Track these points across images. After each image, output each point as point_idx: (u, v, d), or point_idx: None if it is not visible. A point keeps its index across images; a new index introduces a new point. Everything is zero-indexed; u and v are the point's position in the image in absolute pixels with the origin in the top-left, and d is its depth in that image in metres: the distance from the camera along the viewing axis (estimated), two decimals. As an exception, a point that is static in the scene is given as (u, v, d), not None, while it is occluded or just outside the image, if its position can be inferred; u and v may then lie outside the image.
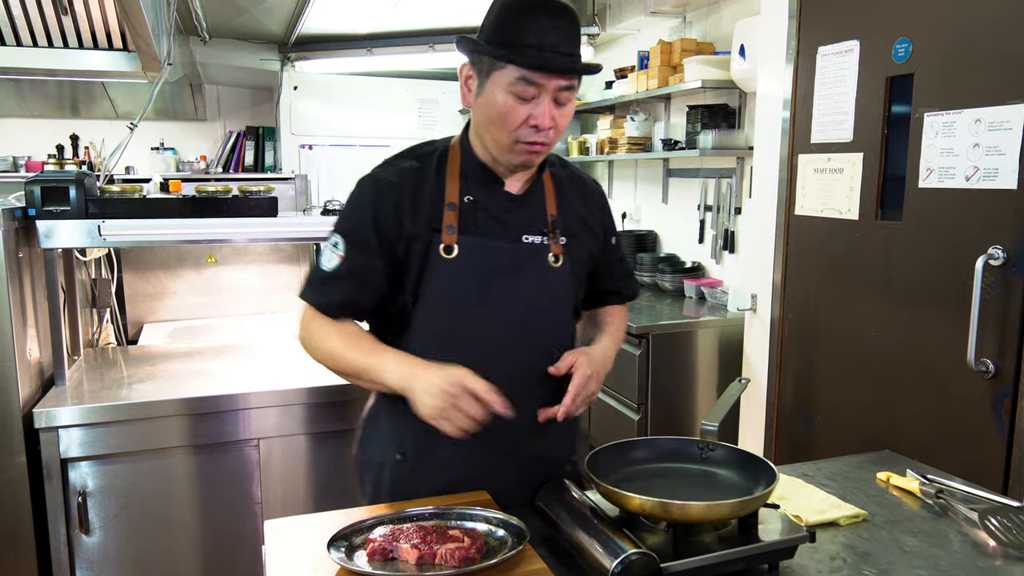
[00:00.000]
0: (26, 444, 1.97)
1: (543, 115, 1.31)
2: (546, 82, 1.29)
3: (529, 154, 1.36)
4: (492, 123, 1.34)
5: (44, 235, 2.11)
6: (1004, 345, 2.02)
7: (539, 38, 1.27)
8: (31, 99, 5.09)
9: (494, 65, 1.30)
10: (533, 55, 1.27)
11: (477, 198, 1.42)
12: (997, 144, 2.01)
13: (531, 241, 1.43)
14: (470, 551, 1.11)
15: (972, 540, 1.29)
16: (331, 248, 1.40)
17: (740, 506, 1.13)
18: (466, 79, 1.38)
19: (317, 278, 1.41)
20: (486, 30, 1.33)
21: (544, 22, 1.28)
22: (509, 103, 1.30)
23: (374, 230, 1.38)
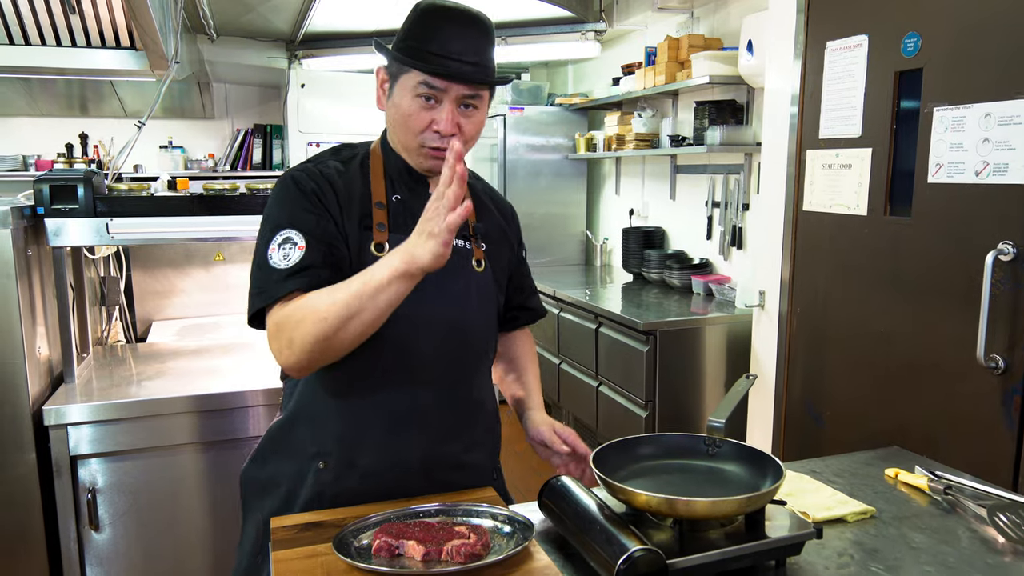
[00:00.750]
0: (36, 441, 1.98)
1: (445, 121, 1.32)
2: (448, 88, 1.30)
3: (434, 159, 1.36)
4: (399, 126, 1.36)
5: (53, 233, 2.12)
6: (1014, 341, 2.01)
7: (444, 45, 1.30)
8: (40, 98, 5.12)
9: (401, 69, 1.33)
10: (434, 61, 1.29)
11: (404, 198, 1.41)
12: (1007, 139, 1.99)
13: (456, 244, 1.42)
14: (476, 547, 1.11)
15: (981, 536, 1.29)
16: (283, 247, 1.28)
17: (747, 502, 1.13)
18: (382, 82, 1.39)
19: (276, 279, 1.27)
20: (399, 35, 1.35)
21: (451, 30, 1.31)
22: (413, 107, 1.32)
23: (327, 215, 1.32)
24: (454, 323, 1.41)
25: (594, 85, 5.53)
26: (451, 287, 1.41)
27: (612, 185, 5.26)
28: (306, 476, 1.41)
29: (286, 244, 1.29)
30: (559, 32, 4.83)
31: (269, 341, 1.28)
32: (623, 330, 3.43)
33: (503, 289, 1.56)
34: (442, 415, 1.42)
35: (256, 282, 1.30)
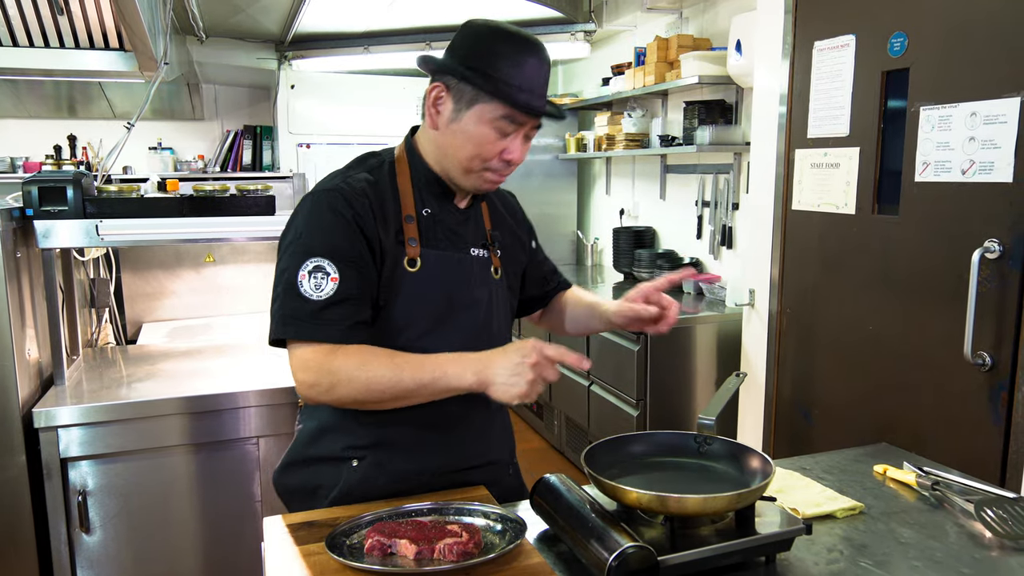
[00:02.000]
0: (26, 444, 1.98)
1: (517, 150, 1.34)
2: (527, 121, 1.33)
3: (492, 183, 1.39)
4: (461, 150, 1.34)
5: (42, 235, 2.11)
6: (1001, 338, 2.03)
7: (527, 80, 1.30)
8: (28, 100, 5.09)
9: (478, 97, 1.30)
10: (524, 98, 1.29)
11: (433, 211, 1.41)
12: (992, 137, 2.01)
13: (477, 254, 1.45)
14: (468, 546, 1.12)
15: (968, 532, 1.30)
16: (314, 275, 1.27)
17: (737, 499, 1.13)
18: (436, 100, 1.34)
19: (309, 312, 1.26)
20: (468, 56, 1.31)
21: (532, 63, 1.31)
22: (489, 136, 1.32)
23: (363, 239, 1.31)
24: (479, 331, 1.43)
25: (584, 85, 5.54)
26: (477, 297, 1.43)
27: (602, 185, 5.27)
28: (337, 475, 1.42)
29: (317, 273, 1.27)
30: (549, 32, 4.83)
31: (294, 371, 1.28)
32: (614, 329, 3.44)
33: (516, 291, 1.59)
34: (467, 418, 1.44)
35: (284, 307, 1.28)
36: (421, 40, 5.03)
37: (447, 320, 1.39)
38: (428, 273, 1.37)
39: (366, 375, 1.24)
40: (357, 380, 1.24)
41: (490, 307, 1.46)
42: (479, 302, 1.44)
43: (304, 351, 1.27)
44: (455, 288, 1.40)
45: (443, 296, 1.39)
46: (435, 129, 1.36)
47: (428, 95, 1.35)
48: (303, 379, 1.27)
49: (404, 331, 1.36)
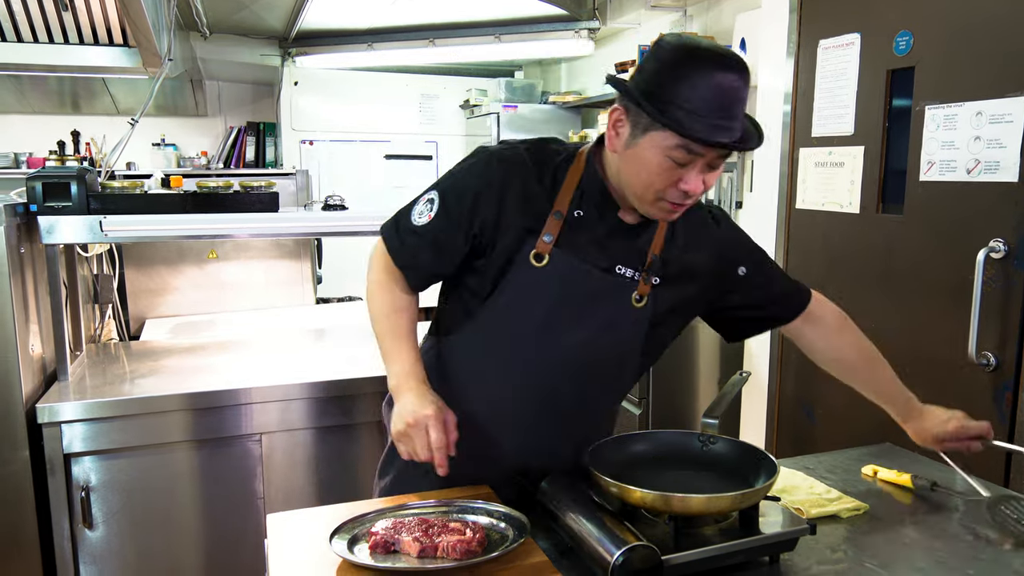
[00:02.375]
0: (29, 439, 1.98)
1: (695, 181, 1.24)
2: (707, 151, 1.21)
3: (670, 213, 1.30)
4: (636, 177, 1.27)
5: (46, 231, 2.12)
6: (1005, 338, 2.02)
7: (710, 105, 1.18)
8: (32, 95, 5.09)
9: (653, 125, 1.21)
10: (702, 126, 1.18)
11: (587, 215, 1.36)
12: (998, 137, 2.00)
13: (622, 273, 1.37)
14: (472, 544, 1.11)
15: (972, 532, 1.30)
16: (426, 203, 1.39)
17: (741, 499, 1.13)
18: (615, 122, 1.27)
19: (402, 226, 1.40)
20: (648, 78, 1.22)
21: (718, 86, 1.18)
22: (664, 166, 1.22)
23: (472, 204, 1.34)
24: (583, 349, 1.37)
25: (587, 83, 5.53)
26: (597, 316, 1.37)
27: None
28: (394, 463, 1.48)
29: (428, 204, 1.39)
30: (553, 30, 4.82)
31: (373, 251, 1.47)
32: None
33: (669, 329, 1.48)
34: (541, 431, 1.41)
35: (398, 213, 1.44)
36: (425, 37, 5.03)
37: (555, 325, 1.35)
38: (551, 273, 1.33)
39: (373, 296, 1.44)
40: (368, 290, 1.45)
41: (612, 329, 1.38)
42: (597, 320, 1.36)
43: (379, 244, 1.45)
44: (574, 298, 1.35)
45: (558, 301, 1.34)
46: (613, 152, 1.30)
47: (609, 116, 1.29)
48: (370, 262, 1.47)
49: (512, 320, 1.36)
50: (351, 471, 2.30)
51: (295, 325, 3.12)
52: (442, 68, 5.89)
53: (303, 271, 3.47)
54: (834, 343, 1.61)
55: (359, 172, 5.80)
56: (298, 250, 3.45)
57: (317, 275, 3.56)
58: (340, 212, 2.54)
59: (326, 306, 3.68)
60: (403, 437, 1.30)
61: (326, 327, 3.04)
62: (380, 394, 2.26)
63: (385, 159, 5.83)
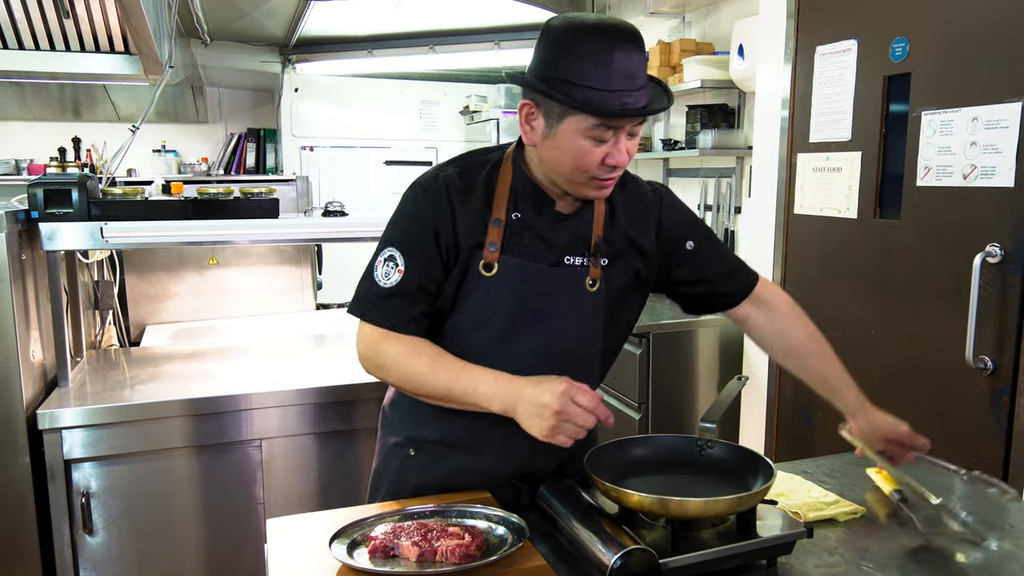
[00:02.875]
0: (30, 445, 1.98)
1: (620, 154, 1.25)
2: (623, 124, 1.23)
3: (601, 189, 1.32)
4: (563, 165, 1.28)
5: (47, 237, 2.12)
6: (1002, 342, 2.03)
7: (616, 79, 1.18)
8: (33, 102, 5.11)
9: (567, 111, 1.21)
10: (613, 102, 1.19)
11: (525, 216, 1.37)
12: (994, 142, 2.01)
13: (571, 262, 1.39)
14: (470, 548, 1.12)
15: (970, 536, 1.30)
16: (386, 262, 1.35)
17: (738, 502, 1.14)
18: (527, 117, 1.29)
19: (375, 295, 1.35)
20: (546, 65, 1.23)
21: (618, 57, 1.18)
22: (586, 147, 1.24)
23: (432, 237, 1.34)
24: (552, 344, 1.38)
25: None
26: (555, 311, 1.38)
27: (605, 189, 5.28)
28: (393, 460, 1.47)
29: (389, 262, 1.35)
30: (552, 36, 4.84)
31: (357, 342, 1.39)
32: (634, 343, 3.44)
33: (626, 302, 1.48)
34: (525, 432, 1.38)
35: (361, 289, 1.38)
36: (424, 44, 5.05)
37: (519, 329, 1.36)
38: (503, 280, 1.34)
39: (407, 367, 1.33)
40: (398, 369, 1.34)
41: (573, 320, 1.40)
42: (557, 314, 1.38)
43: (364, 329, 1.37)
44: (529, 298, 1.36)
45: (515, 305, 1.35)
46: (532, 145, 1.32)
47: (520, 112, 1.30)
48: (360, 352, 1.38)
49: (475, 334, 1.37)
50: (351, 476, 2.30)
51: (295, 331, 3.13)
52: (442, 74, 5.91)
53: (303, 277, 3.48)
54: (785, 328, 1.57)
55: (359, 178, 5.82)
56: (298, 256, 3.46)
57: (317, 281, 3.57)
58: (340, 218, 2.55)
59: (326, 312, 3.69)
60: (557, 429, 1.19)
61: (326, 333, 3.04)
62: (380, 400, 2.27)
63: (385, 165, 5.84)
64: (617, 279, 1.43)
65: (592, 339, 1.44)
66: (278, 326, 3.21)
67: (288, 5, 4.30)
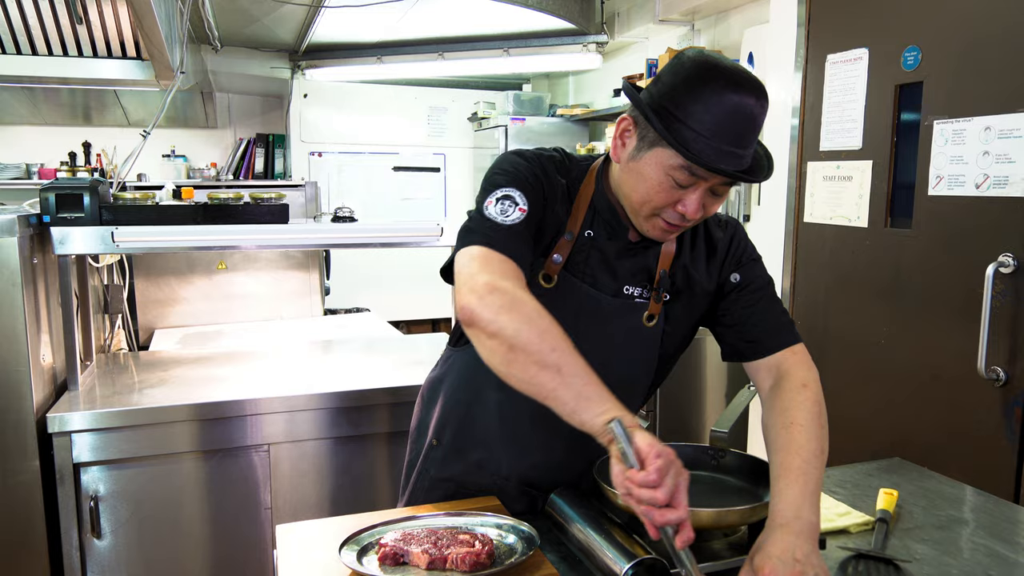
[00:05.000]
0: (39, 448, 1.99)
1: (693, 205, 1.19)
2: (711, 177, 1.17)
3: (664, 232, 1.26)
4: (636, 191, 1.23)
5: (59, 241, 2.13)
6: (1015, 353, 2.02)
7: (722, 131, 1.13)
8: (44, 107, 5.14)
9: (659, 141, 1.16)
10: (709, 152, 1.13)
11: (597, 236, 1.32)
12: (1007, 152, 2.01)
13: (631, 293, 1.34)
14: (480, 556, 1.11)
15: (984, 549, 1.29)
16: (503, 202, 1.22)
17: (750, 513, 1.13)
18: (622, 132, 1.24)
19: (489, 228, 1.19)
20: (662, 93, 1.17)
21: (732, 111, 1.13)
22: (663, 184, 1.18)
23: (543, 198, 1.26)
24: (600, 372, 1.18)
25: (595, 96, 5.56)
26: (610, 339, 1.33)
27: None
28: (418, 448, 1.47)
29: (505, 201, 1.22)
30: (561, 44, 4.86)
31: (473, 273, 1.15)
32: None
33: (682, 340, 1.42)
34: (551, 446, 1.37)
35: (470, 224, 1.22)
36: (434, 51, 5.07)
37: None
38: (557, 296, 1.29)
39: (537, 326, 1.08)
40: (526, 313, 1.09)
41: (625, 351, 1.35)
42: (610, 343, 1.33)
43: (491, 255, 1.16)
44: (583, 321, 1.30)
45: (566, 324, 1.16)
46: (617, 162, 1.27)
47: (617, 125, 1.25)
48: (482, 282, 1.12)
49: None
50: (359, 482, 2.30)
51: (303, 336, 3.13)
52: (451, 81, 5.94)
53: (311, 282, 3.49)
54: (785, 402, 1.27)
55: (368, 184, 5.84)
56: (306, 261, 3.47)
57: (325, 286, 3.58)
58: (349, 224, 2.55)
59: (334, 317, 3.70)
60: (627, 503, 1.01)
61: (334, 338, 3.05)
62: (387, 405, 2.28)
63: (393, 171, 5.86)
64: (676, 316, 1.37)
65: (642, 373, 1.40)
66: (286, 331, 3.22)
67: (298, 11, 4.32)
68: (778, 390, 1.29)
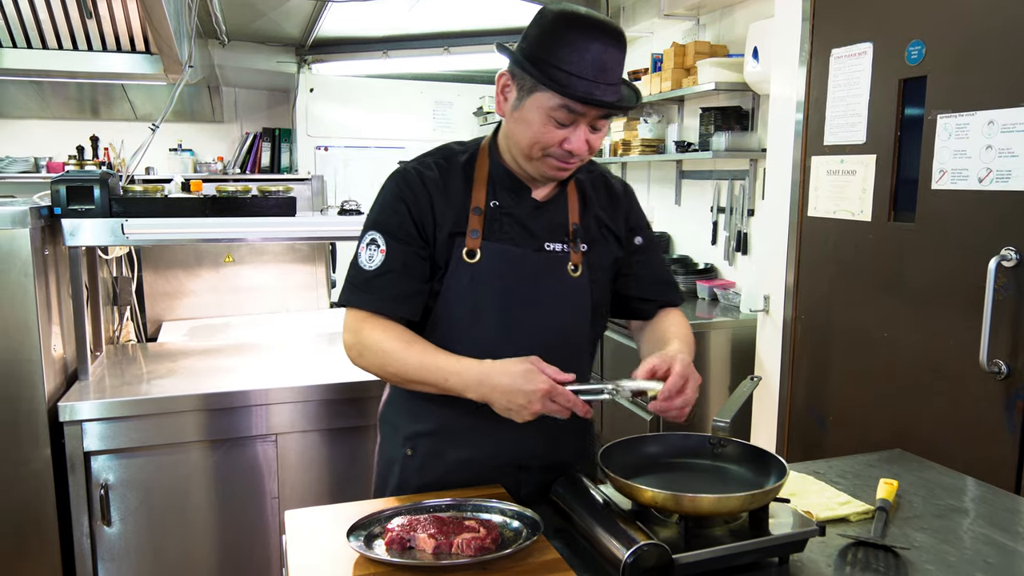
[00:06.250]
0: (51, 437, 2.02)
1: (579, 141, 1.31)
2: (587, 111, 1.29)
3: (557, 171, 1.37)
4: (524, 139, 1.34)
5: (69, 233, 2.16)
6: (1017, 346, 2.03)
7: (589, 67, 1.25)
8: (52, 101, 5.17)
9: (536, 86, 1.28)
10: (581, 87, 1.26)
11: (503, 203, 1.42)
12: (1010, 146, 2.01)
13: (552, 249, 1.43)
14: (485, 541, 1.14)
15: (983, 538, 1.31)
16: (369, 247, 1.39)
17: (750, 499, 1.15)
18: (503, 87, 1.36)
19: (360, 280, 1.39)
20: (531, 44, 1.30)
21: (596, 49, 1.26)
22: (547, 127, 1.30)
23: (411, 220, 1.39)
24: (542, 329, 1.42)
25: (601, 91, 5.56)
26: (542, 296, 1.42)
27: (618, 190, 5.29)
28: (396, 462, 1.49)
29: (372, 245, 1.40)
30: (566, 38, 4.85)
31: (343, 332, 1.41)
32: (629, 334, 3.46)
33: (605, 289, 1.53)
34: None
35: (348, 278, 1.42)
36: (440, 45, 5.08)
37: (507, 315, 1.40)
38: (487, 266, 1.39)
39: (382, 351, 1.35)
40: (376, 355, 1.36)
41: (559, 306, 1.44)
42: (543, 299, 1.42)
43: (348, 315, 1.40)
44: (515, 283, 1.40)
45: (501, 290, 1.39)
46: (502, 115, 1.38)
47: (497, 82, 1.36)
48: (345, 341, 1.40)
49: (464, 323, 1.40)
50: (365, 472, 2.32)
51: (310, 329, 3.15)
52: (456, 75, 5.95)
53: (317, 275, 3.51)
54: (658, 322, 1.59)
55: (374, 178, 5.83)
56: (313, 254, 3.49)
57: (331, 279, 3.60)
58: (356, 216, 2.57)
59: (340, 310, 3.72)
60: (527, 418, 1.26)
61: (340, 331, 3.07)
62: (394, 396, 2.29)
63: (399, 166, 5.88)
64: (598, 264, 1.49)
65: (580, 325, 1.48)
66: (292, 324, 3.24)
67: (305, 6, 4.34)
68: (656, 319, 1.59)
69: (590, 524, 1.18)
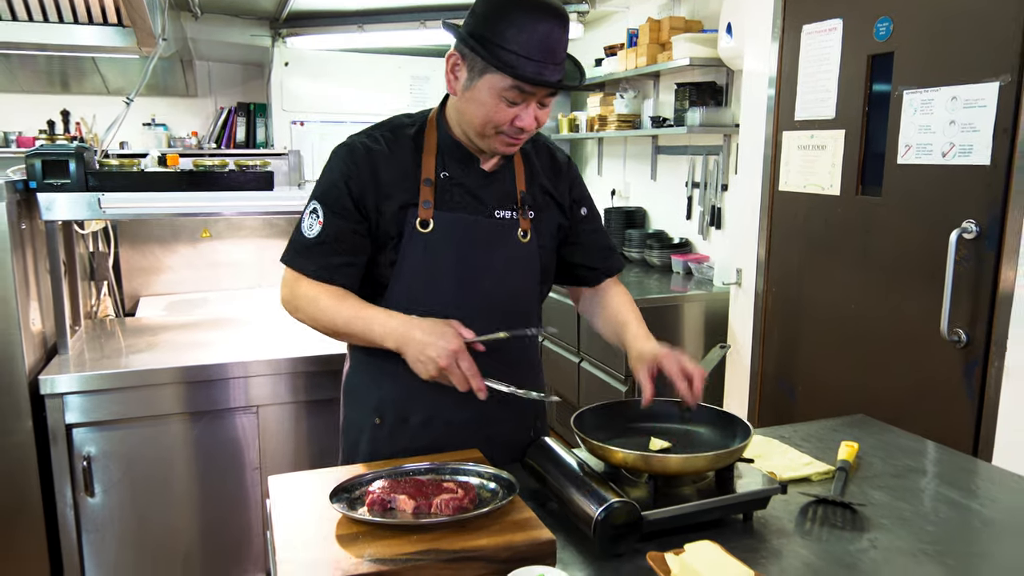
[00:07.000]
0: (32, 410, 2.03)
1: (528, 118, 1.37)
2: (536, 90, 1.34)
3: (507, 146, 1.43)
4: (475, 117, 1.38)
5: (45, 207, 2.16)
6: (976, 316, 2.11)
7: (537, 48, 1.30)
8: (21, 74, 5.07)
9: (487, 68, 1.32)
10: (531, 68, 1.31)
11: (453, 174, 1.47)
12: (972, 121, 2.07)
13: (503, 216, 1.50)
14: (463, 501, 1.18)
15: (936, 495, 1.38)
16: (310, 215, 1.45)
17: (716, 459, 1.21)
18: (452, 67, 1.39)
19: (301, 245, 1.46)
20: (480, 24, 1.33)
21: (543, 30, 1.31)
22: (499, 106, 1.35)
23: (348, 194, 1.43)
24: (495, 293, 1.49)
25: (577, 66, 5.56)
26: (495, 261, 1.48)
27: (594, 165, 5.32)
28: (365, 431, 1.54)
29: (312, 215, 1.46)
30: (543, 13, 4.84)
31: (282, 285, 1.49)
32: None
33: (552, 254, 1.60)
34: None
35: (292, 237, 1.48)
36: (415, 19, 5.04)
37: (461, 281, 1.45)
38: (440, 235, 1.44)
39: (315, 307, 1.44)
40: (308, 309, 1.45)
41: (511, 270, 1.51)
42: (496, 264, 1.48)
43: (286, 274, 1.48)
44: (468, 250, 1.45)
45: (455, 257, 1.45)
46: (454, 94, 1.42)
47: (447, 61, 1.39)
48: (281, 294, 1.49)
49: (418, 288, 1.45)
50: (345, 443, 2.36)
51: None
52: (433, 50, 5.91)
53: (295, 250, 3.51)
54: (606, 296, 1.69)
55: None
56: (290, 229, 3.48)
57: (309, 254, 3.60)
58: (333, 191, 2.58)
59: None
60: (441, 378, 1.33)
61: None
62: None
63: (376, 140, 5.85)
64: (545, 230, 1.56)
65: (531, 287, 1.55)
66: (270, 298, 3.25)
67: (279, -22, 4.29)
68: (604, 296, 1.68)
69: (563, 484, 1.23)
